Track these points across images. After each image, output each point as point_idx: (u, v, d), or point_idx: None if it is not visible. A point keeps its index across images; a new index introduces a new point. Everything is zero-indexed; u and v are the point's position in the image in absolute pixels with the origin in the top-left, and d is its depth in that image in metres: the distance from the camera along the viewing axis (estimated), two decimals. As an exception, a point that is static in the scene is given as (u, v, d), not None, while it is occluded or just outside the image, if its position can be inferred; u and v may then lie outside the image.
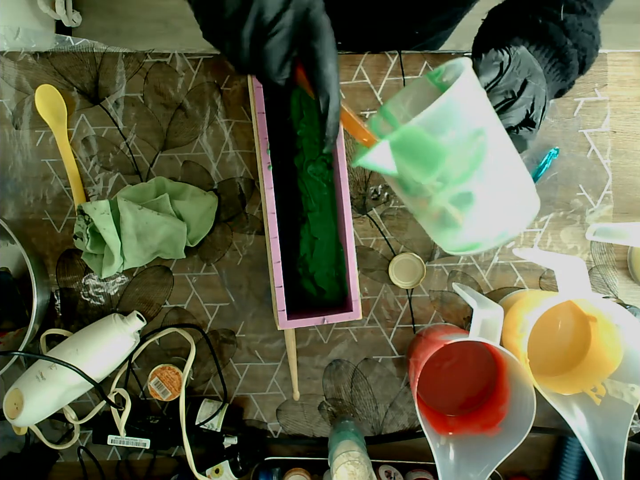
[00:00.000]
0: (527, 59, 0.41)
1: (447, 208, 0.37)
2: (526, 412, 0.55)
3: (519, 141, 0.41)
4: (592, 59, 0.45)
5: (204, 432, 0.64)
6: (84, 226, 0.59)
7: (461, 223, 0.37)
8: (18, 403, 0.58)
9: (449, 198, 0.36)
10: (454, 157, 0.34)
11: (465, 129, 0.34)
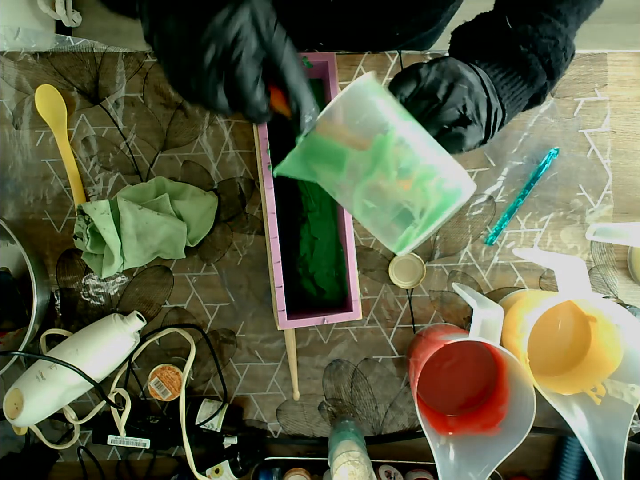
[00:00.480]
0: (453, 66, 0.42)
1: (367, 204, 0.39)
2: (526, 412, 0.55)
3: (455, 139, 0.42)
4: (561, 62, 0.46)
5: (204, 432, 0.64)
6: (84, 226, 0.59)
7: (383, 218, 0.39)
8: (18, 403, 0.58)
9: (363, 194, 0.38)
10: (355, 155, 0.37)
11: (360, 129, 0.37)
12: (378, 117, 0.37)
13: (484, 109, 0.42)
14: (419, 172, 0.37)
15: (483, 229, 0.67)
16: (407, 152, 0.37)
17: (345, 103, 0.37)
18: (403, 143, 0.37)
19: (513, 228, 0.67)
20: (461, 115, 0.41)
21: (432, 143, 0.39)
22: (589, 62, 0.66)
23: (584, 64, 0.66)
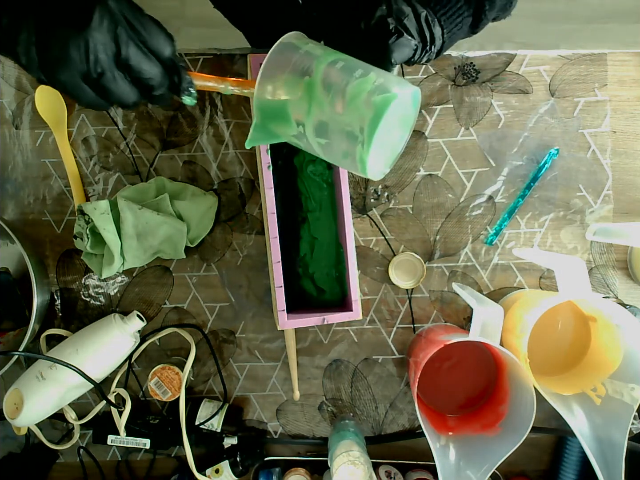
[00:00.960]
0: None
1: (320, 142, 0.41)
2: (526, 412, 0.55)
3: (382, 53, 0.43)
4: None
5: (204, 432, 0.64)
6: (84, 226, 0.59)
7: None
8: (18, 403, 0.58)
9: (314, 134, 0.41)
10: (293, 103, 0.40)
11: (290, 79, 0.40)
12: (303, 63, 0.40)
13: (410, 19, 0.43)
14: (348, 95, 0.39)
15: (483, 229, 0.67)
16: (333, 81, 0.39)
17: (272, 61, 0.40)
18: (328, 75, 0.39)
19: (513, 228, 0.67)
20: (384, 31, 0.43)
21: (357, 65, 0.40)
22: (589, 62, 0.66)
23: (584, 64, 0.66)
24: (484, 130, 0.66)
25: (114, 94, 0.36)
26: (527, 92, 0.66)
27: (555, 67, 0.66)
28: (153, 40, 0.36)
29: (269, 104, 0.41)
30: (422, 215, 0.67)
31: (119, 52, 0.34)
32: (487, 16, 0.49)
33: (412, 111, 0.42)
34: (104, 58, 0.34)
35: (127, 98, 0.37)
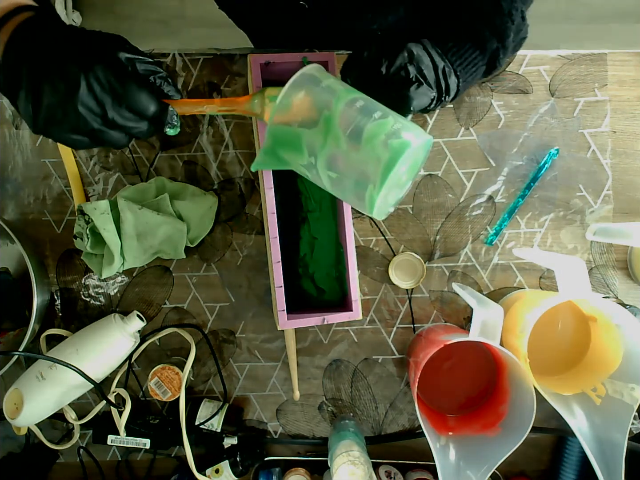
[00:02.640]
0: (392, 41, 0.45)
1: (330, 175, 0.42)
2: (526, 412, 0.55)
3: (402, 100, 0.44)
4: (507, 25, 0.49)
5: (204, 432, 0.64)
6: (84, 226, 0.59)
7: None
8: (18, 403, 0.58)
9: (325, 167, 0.41)
10: (308, 133, 0.41)
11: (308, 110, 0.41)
12: (322, 97, 0.41)
13: (429, 69, 0.45)
14: (366, 134, 0.39)
15: (483, 229, 0.67)
16: (352, 119, 0.40)
17: (292, 91, 0.40)
18: (347, 112, 0.40)
19: (513, 228, 0.67)
20: (405, 79, 0.44)
21: (376, 107, 0.41)
22: (589, 62, 0.66)
23: (584, 64, 0.66)
24: (484, 130, 0.66)
25: (105, 142, 0.40)
26: (527, 92, 0.66)
27: (555, 67, 0.66)
28: (136, 103, 0.39)
29: (282, 131, 0.42)
30: (422, 215, 0.67)
31: (105, 114, 0.38)
32: (500, 63, 0.51)
33: (422, 156, 0.43)
34: (92, 119, 0.38)
35: (118, 143, 0.41)
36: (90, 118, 0.38)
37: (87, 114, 0.37)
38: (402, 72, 0.44)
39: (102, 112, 0.38)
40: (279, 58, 0.55)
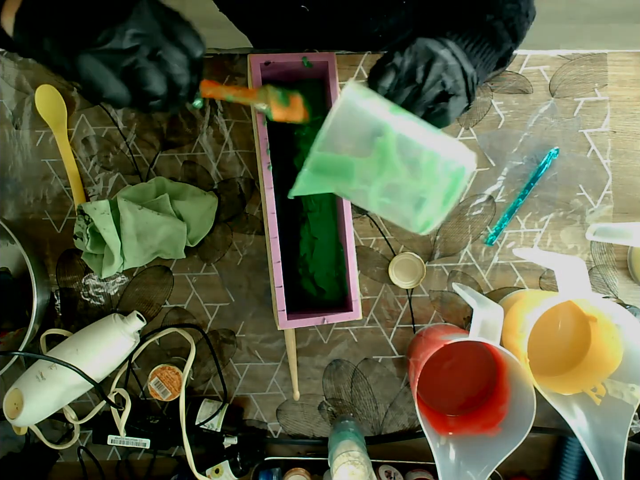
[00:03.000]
0: (424, 47, 0.43)
1: (383, 201, 0.41)
2: (526, 412, 0.55)
3: (441, 115, 0.44)
4: (524, 25, 0.49)
5: (204, 432, 0.64)
6: (84, 226, 0.59)
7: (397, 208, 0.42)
8: (18, 403, 0.58)
9: (378, 194, 0.41)
10: (361, 162, 0.39)
11: (359, 138, 0.39)
12: (372, 123, 0.39)
13: (461, 78, 0.44)
14: (424, 161, 0.39)
15: (483, 229, 0.67)
16: (409, 146, 0.39)
17: (339, 120, 0.38)
18: (402, 138, 0.39)
19: (513, 228, 0.67)
20: (442, 91, 0.43)
21: (426, 128, 0.41)
22: (589, 62, 0.66)
23: (584, 64, 0.66)
24: (484, 130, 0.66)
25: (142, 84, 0.36)
26: (527, 92, 0.66)
27: (555, 67, 0.66)
28: (187, 39, 0.37)
29: (329, 158, 0.39)
30: (422, 215, 0.67)
31: (154, 45, 0.35)
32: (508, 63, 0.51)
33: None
34: (139, 48, 0.35)
35: (155, 89, 0.36)
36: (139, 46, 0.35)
37: (136, 40, 0.34)
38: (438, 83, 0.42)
39: (152, 41, 0.35)
40: (279, 58, 0.55)
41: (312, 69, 0.58)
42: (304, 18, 0.62)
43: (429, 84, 0.42)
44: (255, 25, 0.73)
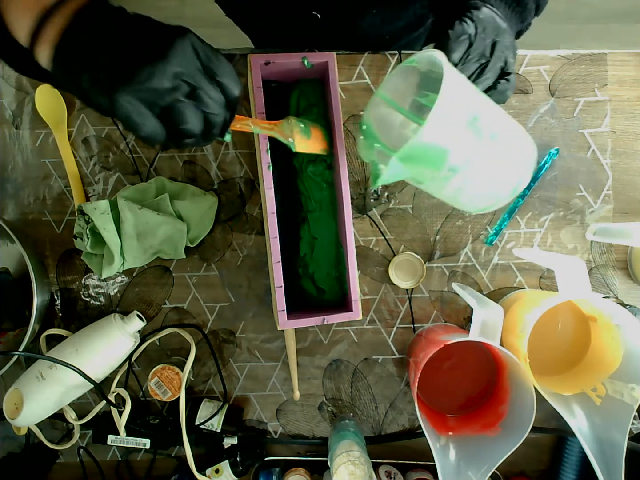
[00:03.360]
0: (491, 19, 0.42)
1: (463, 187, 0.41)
2: (526, 412, 0.55)
3: (498, 94, 0.44)
4: (546, 2, 0.49)
5: (204, 432, 0.64)
6: (84, 226, 0.59)
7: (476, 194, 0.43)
8: (18, 403, 0.58)
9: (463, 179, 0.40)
10: (457, 149, 0.38)
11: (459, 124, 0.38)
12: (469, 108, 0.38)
13: (515, 56, 0.44)
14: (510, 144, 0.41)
15: (483, 229, 0.67)
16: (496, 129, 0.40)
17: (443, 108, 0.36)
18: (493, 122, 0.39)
19: (513, 228, 0.67)
20: (501, 69, 0.43)
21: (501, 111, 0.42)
22: (589, 62, 0.66)
23: (584, 64, 0.66)
24: (484, 130, 0.66)
25: (179, 123, 0.35)
26: (527, 92, 0.66)
27: (555, 67, 0.66)
28: (226, 78, 0.37)
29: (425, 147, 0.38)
30: (422, 215, 0.67)
31: (194, 84, 0.35)
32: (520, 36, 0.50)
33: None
34: (180, 86, 0.34)
35: (191, 128, 0.36)
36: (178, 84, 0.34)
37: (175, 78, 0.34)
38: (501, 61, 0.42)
39: (191, 79, 0.34)
40: (279, 58, 0.55)
41: (312, 69, 0.58)
42: (313, 23, 0.62)
43: (494, 59, 0.41)
44: (261, 28, 0.73)
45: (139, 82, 0.33)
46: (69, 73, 0.35)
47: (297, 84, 0.61)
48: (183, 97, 0.35)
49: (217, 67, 0.36)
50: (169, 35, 0.34)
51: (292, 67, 0.57)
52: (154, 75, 0.33)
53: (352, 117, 0.66)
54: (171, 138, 0.37)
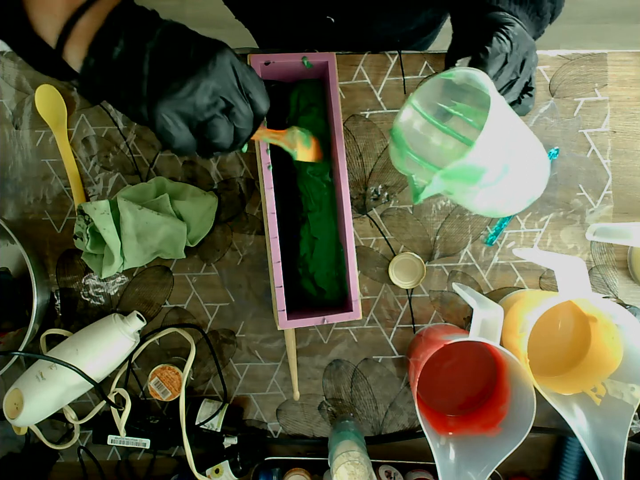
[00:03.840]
0: (523, 37, 0.42)
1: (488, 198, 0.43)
2: (526, 412, 0.55)
3: (521, 108, 0.44)
4: (561, 10, 0.49)
5: (204, 432, 0.64)
6: (84, 226, 0.59)
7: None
8: (18, 403, 0.58)
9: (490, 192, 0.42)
10: (493, 168, 0.40)
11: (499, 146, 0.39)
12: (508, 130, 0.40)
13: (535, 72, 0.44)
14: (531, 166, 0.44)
15: (483, 229, 0.67)
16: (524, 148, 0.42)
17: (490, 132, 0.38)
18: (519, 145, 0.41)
19: (513, 228, 0.67)
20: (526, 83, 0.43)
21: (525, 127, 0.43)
22: (589, 62, 0.66)
23: (584, 64, 0.66)
24: (484, 130, 0.66)
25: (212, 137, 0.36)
26: (527, 92, 0.66)
27: (555, 67, 0.66)
28: (257, 96, 0.37)
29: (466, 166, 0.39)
30: (422, 215, 0.67)
31: (231, 101, 0.35)
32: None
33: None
34: (217, 102, 0.35)
35: (222, 142, 0.37)
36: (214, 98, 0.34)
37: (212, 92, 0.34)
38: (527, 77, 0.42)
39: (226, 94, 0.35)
40: (279, 58, 0.55)
41: (312, 69, 0.58)
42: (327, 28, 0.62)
43: (522, 76, 0.42)
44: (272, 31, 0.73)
45: (181, 97, 0.33)
46: (105, 79, 0.35)
47: (297, 84, 0.61)
48: (220, 113, 0.36)
49: (251, 84, 0.37)
50: (210, 50, 0.35)
51: (292, 67, 0.57)
52: (197, 91, 0.34)
53: (352, 117, 0.66)
54: (201, 150, 0.37)
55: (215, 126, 0.36)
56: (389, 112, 0.66)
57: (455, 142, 0.47)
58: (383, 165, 0.66)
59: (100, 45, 0.34)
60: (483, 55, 0.41)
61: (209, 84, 0.34)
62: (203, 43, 0.35)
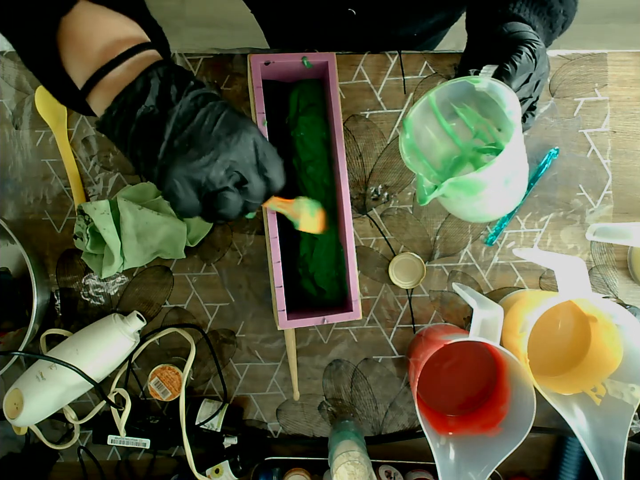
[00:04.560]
0: (545, 57, 0.43)
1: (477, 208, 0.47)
2: (526, 412, 0.55)
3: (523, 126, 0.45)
4: (570, 25, 0.49)
5: (204, 432, 0.64)
6: (84, 226, 0.59)
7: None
8: (18, 403, 0.58)
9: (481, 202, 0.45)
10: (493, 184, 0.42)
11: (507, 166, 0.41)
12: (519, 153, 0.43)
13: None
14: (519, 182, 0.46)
15: (483, 229, 0.67)
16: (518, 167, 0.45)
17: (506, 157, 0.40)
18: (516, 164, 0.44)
19: (513, 228, 0.67)
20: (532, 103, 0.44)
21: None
22: (589, 62, 0.66)
23: (584, 64, 0.66)
24: (484, 130, 0.66)
25: (219, 208, 0.36)
26: (527, 92, 0.66)
27: (555, 67, 0.66)
28: (274, 174, 0.37)
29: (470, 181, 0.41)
30: (422, 215, 0.67)
31: (245, 177, 0.36)
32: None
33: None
34: (232, 175, 0.35)
35: (229, 213, 0.37)
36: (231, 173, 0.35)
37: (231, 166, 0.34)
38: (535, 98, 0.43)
39: (243, 171, 0.35)
40: (279, 58, 0.55)
41: (312, 69, 0.58)
42: (347, 20, 0.61)
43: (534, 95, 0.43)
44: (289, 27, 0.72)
45: (197, 167, 0.33)
46: (124, 133, 0.34)
47: (297, 84, 0.61)
48: (232, 186, 0.36)
49: (269, 163, 0.37)
50: (235, 125, 0.35)
51: (292, 67, 0.57)
52: (214, 163, 0.34)
53: (352, 117, 0.66)
54: (206, 216, 0.37)
55: (226, 198, 0.36)
56: (389, 112, 0.66)
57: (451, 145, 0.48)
58: (383, 165, 0.66)
59: (128, 99, 0.34)
60: (511, 68, 0.41)
61: (227, 158, 0.34)
62: (230, 117, 0.35)
